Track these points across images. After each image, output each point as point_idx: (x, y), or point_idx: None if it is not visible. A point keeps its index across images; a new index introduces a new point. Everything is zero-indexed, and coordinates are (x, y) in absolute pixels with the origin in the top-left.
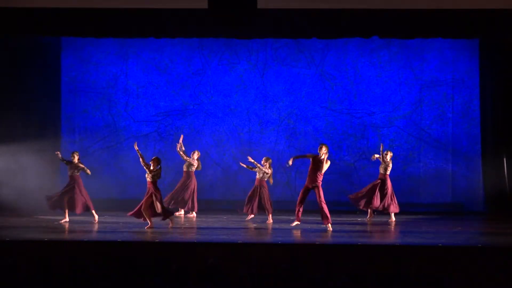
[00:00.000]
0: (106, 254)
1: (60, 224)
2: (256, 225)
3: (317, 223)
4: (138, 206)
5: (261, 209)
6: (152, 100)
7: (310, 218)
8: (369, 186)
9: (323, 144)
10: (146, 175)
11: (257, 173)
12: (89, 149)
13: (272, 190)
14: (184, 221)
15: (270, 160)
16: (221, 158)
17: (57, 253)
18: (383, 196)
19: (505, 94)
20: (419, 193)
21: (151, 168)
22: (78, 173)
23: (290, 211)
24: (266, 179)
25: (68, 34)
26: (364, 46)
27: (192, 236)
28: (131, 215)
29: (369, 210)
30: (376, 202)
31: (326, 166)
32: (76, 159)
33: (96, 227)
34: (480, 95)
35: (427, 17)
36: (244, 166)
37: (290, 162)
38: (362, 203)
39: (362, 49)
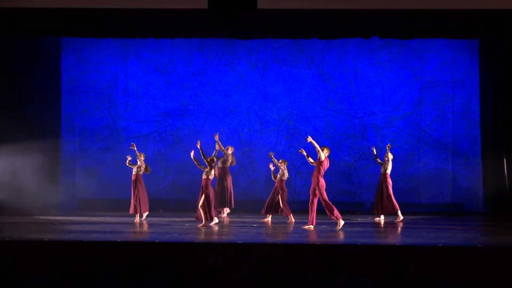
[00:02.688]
0: (106, 254)
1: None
2: (258, 225)
3: (318, 223)
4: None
5: (277, 211)
6: (152, 101)
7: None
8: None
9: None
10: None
11: (278, 174)
12: (89, 149)
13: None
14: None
15: (287, 163)
16: None
17: (57, 253)
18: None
19: (505, 94)
20: (419, 193)
21: (208, 160)
22: (141, 173)
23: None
24: (285, 180)
25: (68, 34)
26: (364, 46)
27: (192, 236)
28: (203, 224)
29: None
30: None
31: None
32: (142, 160)
33: (98, 227)
34: (480, 95)
35: (427, 17)
36: (272, 168)
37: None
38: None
39: (362, 49)
